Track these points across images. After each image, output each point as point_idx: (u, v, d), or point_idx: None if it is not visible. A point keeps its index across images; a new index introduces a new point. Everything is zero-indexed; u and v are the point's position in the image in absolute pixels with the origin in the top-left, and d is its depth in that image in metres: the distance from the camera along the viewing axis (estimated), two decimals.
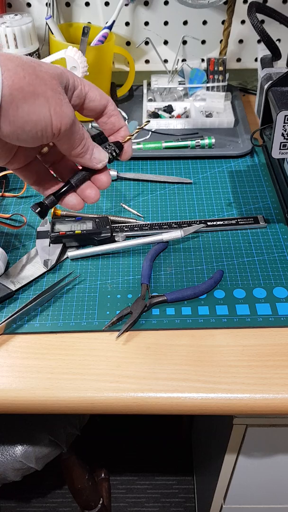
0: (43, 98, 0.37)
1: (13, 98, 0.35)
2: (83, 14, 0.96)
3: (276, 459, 0.69)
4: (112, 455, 1.33)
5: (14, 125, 0.36)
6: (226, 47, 0.95)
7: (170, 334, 0.56)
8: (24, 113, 0.36)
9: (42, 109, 0.37)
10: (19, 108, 0.36)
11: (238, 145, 0.83)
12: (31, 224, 0.71)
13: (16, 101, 0.36)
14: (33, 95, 0.36)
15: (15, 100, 0.36)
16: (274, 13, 0.74)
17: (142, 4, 0.94)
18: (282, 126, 0.58)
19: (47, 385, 0.51)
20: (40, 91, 0.37)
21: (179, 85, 0.93)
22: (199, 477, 1.14)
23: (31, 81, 0.36)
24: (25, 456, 0.79)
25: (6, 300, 0.60)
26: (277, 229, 0.69)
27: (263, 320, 0.57)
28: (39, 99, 0.37)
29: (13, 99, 0.35)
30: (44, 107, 0.37)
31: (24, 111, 0.36)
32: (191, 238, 0.68)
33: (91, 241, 0.66)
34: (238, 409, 0.50)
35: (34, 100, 0.36)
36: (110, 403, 0.50)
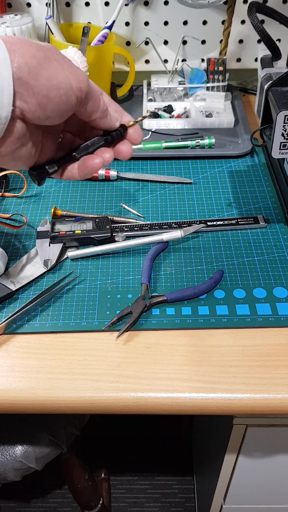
0: (55, 61, 0.36)
1: (30, 67, 0.34)
2: (83, 14, 0.96)
3: (276, 459, 0.69)
4: (112, 455, 1.33)
5: (39, 96, 0.35)
6: (226, 47, 0.95)
7: (170, 334, 0.56)
8: (44, 79, 0.35)
9: (59, 72, 0.36)
10: (38, 75, 0.34)
11: (238, 145, 0.83)
12: (31, 224, 0.71)
13: (33, 69, 0.34)
14: (46, 59, 0.35)
15: (31, 68, 0.34)
16: (274, 13, 0.74)
17: (142, 4, 0.94)
18: (282, 126, 0.58)
19: (47, 385, 0.51)
20: (50, 54, 0.36)
21: (179, 85, 0.93)
22: (199, 477, 1.14)
23: (39, 47, 0.36)
24: (25, 456, 0.79)
25: (6, 300, 0.60)
26: (277, 229, 0.69)
27: (263, 320, 0.57)
28: (52, 62, 0.36)
29: (30, 68, 0.34)
30: (60, 69, 0.36)
31: (43, 77, 0.35)
32: (191, 238, 0.68)
33: (91, 241, 0.66)
34: (238, 409, 0.50)
35: (49, 64, 0.35)
36: (110, 403, 0.50)
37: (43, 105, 0.35)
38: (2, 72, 0.33)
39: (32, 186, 0.77)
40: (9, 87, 0.33)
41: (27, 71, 0.34)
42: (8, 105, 0.34)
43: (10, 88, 0.33)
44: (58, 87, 0.35)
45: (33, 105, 0.35)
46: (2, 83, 0.33)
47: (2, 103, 0.33)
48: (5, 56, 0.33)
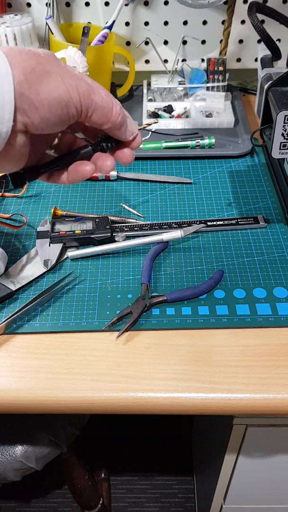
0: (54, 73, 0.36)
1: (30, 82, 0.34)
2: (83, 14, 0.96)
3: (276, 459, 0.69)
4: (112, 455, 1.33)
5: (42, 110, 0.35)
6: (226, 47, 0.95)
7: (170, 334, 0.56)
8: (45, 93, 0.35)
9: (58, 84, 0.36)
10: (39, 90, 0.35)
11: (238, 145, 0.83)
12: (31, 224, 0.71)
13: (33, 84, 0.34)
14: (45, 73, 0.35)
15: (32, 83, 0.34)
16: (274, 13, 0.74)
17: (142, 4, 0.94)
18: (282, 126, 0.58)
19: (47, 385, 0.51)
20: (49, 67, 0.36)
21: (179, 85, 0.93)
22: (199, 477, 1.14)
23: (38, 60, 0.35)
24: (25, 456, 0.79)
25: (6, 300, 0.60)
26: (277, 229, 0.69)
27: (263, 320, 0.57)
28: (52, 75, 0.36)
29: (30, 83, 0.34)
30: (60, 82, 0.36)
31: (44, 92, 0.35)
32: (191, 238, 0.68)
33: (91, 241, 0.66)
34: (238, 409, 0.50)
35: (48, 78, 0.35)
36: (110, 403, 0.50)
37: (45, 118, 0.36)
38: (4, 86, 0.33)
39: (32, 186, 0.77)
40: (10, 102, 0.33)
41: (28, 86, 0.34)
42: (9, 120, 0.34)
43: (11, 104, 0.33)
44: (59, 100, 0.36)
45: (36, 119, 0.35)
46: (3, 98, 0.33)
47: (2, 118, 0.33)
48: (7, 70, 0.33)
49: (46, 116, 0.35)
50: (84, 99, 0.37)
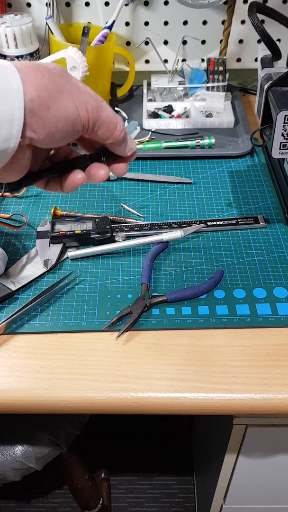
0: (66, 91, 0.36)
1: (42, 99, 0.35)
2: (83, 14, 0.96)
3: (276, 459, 0.69)
4: (112, 455, 1.33)
5: (48, 127, 0.36)
6: (226, 47, 0.95)
7: (170, 334, 0.56)
8: (55, 111, 0.36)
9: (68, 103, 0.36)
10: (50, 107, 0.35)
11: (238, 145, 0.83)
12: (31, 224, 0.71)
13: (45, 101, 0.35)
14: (57, 91, 0.36)
15: (44, 101, 0.35)
16: (274, 13, 0.74)
17: (142, 4, 0.94)
18: (282, 126, 0.58)
19: (47, 385, 0.51)
20: (61, 84, 0.36)
21: (179, 85, 0.93)
22: (199, 477, 1.14)
23: (51, 77, 0.36)
24: (25, 456, 0.79)
25: (6, 300, 0.60)
26: (277, 229, 0.69)
27: (263, 320, 0.57)
28: (63, 93, 0.36)
29: (42, 101, 0.35)
30: (69, 100, 0.36)
31: (54, 109, 0.36)
32: (191, 238, 0.68)
33: (91, 241, 0.66)
34: (238, 409, 0.50)
35: (59, 95, 0.36)
36: (110, 403, 0.50)
37: (51, 134, 0.36)
38: (15, 103, 0.34)
39: (32, 186, 0.77)
40: (19, 119, 0.34)
41: (39, 103, 0.35)
42: (16, 137, 0.34)
43: (21, 120, 0.34)
44: (67, 118, 0.36)
45: (42, 135, 0.36)
46: (13, 115, 0.34)
47: (11, 135, 0.34)
48: (19, 88, 0.34)
49: (52, 132, 0.36)
50: (92, 116, 0.38)
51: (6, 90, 0.34)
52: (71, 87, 0.37)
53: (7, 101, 0.33)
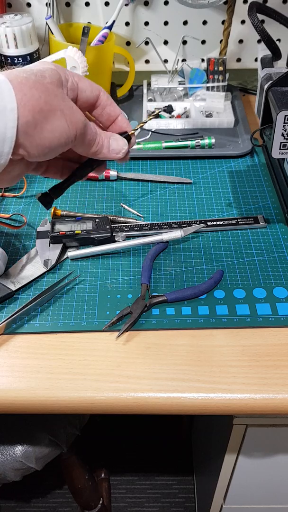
0: (59, 111, 0.38)
1: (36, 121, 0.36)
2: (83, 14, 0.96)
3: (276, 459, 0.69)
4: (112, 455, 1.33)
5: (41, 147, 0.37)
6: (226, 47, 0.95)
7: (170, 334, 0.56)
8: (48, 132, 0.37)
9: (61, 123, 0.38)
10: (43, 129, 0.37)
11: (238, 145, 0.83)
12: (31, 224, 0.71)
13: (40, 124, 0.36)
14: (51, 112, 0.37)
15: (38, 123, 0.36)
16: (274, 13, 0.74)
17: (142, 4, 0.94)
18: (282, 126, 0.58)
19: (47, 385, 0.51)
20: (55, 105, 0.38)
21: (179, 85, 0.93)
22: (199, 477, 1.14)
23: (46, 99, 0.37)
24: (25, 456, 0.79)
25: (6, 300, 0.60)
26: (277, 229, 0.69)
27: (263, 320, 0.57)
28: (56, 113, 0.38)
29: (36, 123, 0.36)
30: (62, 120, 0.38)
31: (48, 131, 0.37)
32: (191, 238, 0.68)
33: (91, 241, 0.66)
34: (238, 409, 0.50)
35: (53, 116, 0.37)
36: (110, 403, 0.50)
37: (43, 153, 0.38)
38: (8, 122, 0.34)
39: (32, 186, 0.77)
40: (11, 138, 0.35)
41: (34, 126, 0.36)
42: (7, 154, 0.35)
43: (13, 139, 0.35)
44: (59, 137, 0.38)
45: (34, 153, 0.38)
46: (5, 134, 0.35)
47: (2, 152, 0.35)
48: (13, 108, 0.35)
49: (45, 151, 0.38)
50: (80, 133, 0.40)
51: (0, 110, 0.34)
52: (64, 106, 0.38)
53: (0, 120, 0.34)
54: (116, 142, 0.45)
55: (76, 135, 0.40)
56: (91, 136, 0.42)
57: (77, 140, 0.40)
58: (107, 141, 0.44)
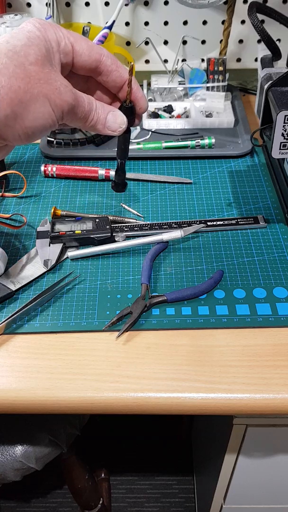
0: (42, 97, 0.36)
1: (16, 113, 0.35)
2: (83, 14, 0.96)
3: (276, 459, 0.69)
4: (112, 455, 1.33)
5: (23, 135, 0.36)
6: (226, 47, 0.95)
7: (170, 334, 0.56)
8: (30, 121, 0.36)
9: (45, 109, 0.36)
10: (24, 119, 0.35)
11: (238, 145, 0.83)
12: (31, 224, 0.71)
13: (19, 115, 0.35)
14: (31, 101, 0.35)
15: (18, 115, 0.35)
16: (274, 13, 0.74)
17: (142, 4, 0.94)
18: (282, 126, 0.58)
19: (47, 385, 0.51)
20: (37, 92, 0.36)
21: (179, 85, 0.93)
22: (199, 477, 1.14)
23: (26, 88, 0.35)
24: (25, 456, 0.79)
25: (6, 300, 0.60)
26: (277, 229, 0.69)
27: (263, 320, 0.57)
28: (38, 101, 0.36)
29: (16, 114, 0.35)
30: (45, 106, 0.36)
31: (29, 120, 0.36)
32: (191, 238, 0.68)
33: (91, 241, 0.66)
34: (238, 409, 0.50)
35: (34, 104, 0.36)
36: (110, 403, 0.50)
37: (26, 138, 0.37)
38: None
39: (32, 186, 0.77)
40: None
41: (14, 118, 0.35)
42: None
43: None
44: (43, 124, 0.37)
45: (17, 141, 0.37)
46: None
47: None
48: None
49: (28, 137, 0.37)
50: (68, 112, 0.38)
51: None
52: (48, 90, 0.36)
53: None
54: (114, 119, 0.42)
55: (63, 115, 0.38)
56: (83, 112, 0.40)
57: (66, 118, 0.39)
58: (103, 116, 0.41)
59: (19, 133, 0.36)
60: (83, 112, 0.40)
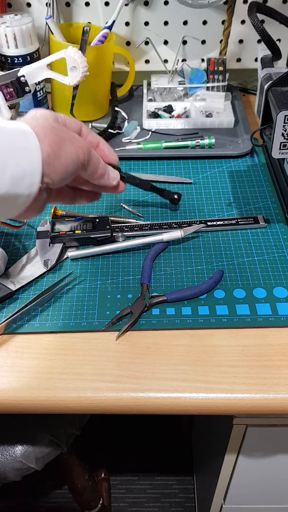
0: (68, 140, 0.46)
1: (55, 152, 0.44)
2: (83, 14, 0.96)
3: (276, 459, 0.69)
4: (112, 455, 1.33)
5: (60, 172, 0.45)
6: (226, 47, 0.95)
7: (170, 334, 0.56)
8: (64, 158, 0.45)
9: (71, 149, 0.45)
10: (60, 157, 0.44)
11: (238, 145, 0.83)
12: (31, 224, 0.71)
13: (57, 153, 0.44)
14: (62, 142, 0.45)
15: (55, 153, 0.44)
16: (274, 13, 0.74)
17: (142, 4, 0.94)
18: (282, 126, 0.58)
19: (47, 385, 0.51)
20: (64, 136, 0.45)
21: (179, 85, 0.93)
22: (199, 477, 1.14)
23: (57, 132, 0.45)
24: (25, 456, 0.79)
25: (6, 300, 0.60)
26: (277, 229, 0.69)
27: (263, 320, 0.57)
28: (66, 142, 0.45)
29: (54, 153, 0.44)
30: (71, 147, 0.45)
31: (63, 157, 0.45)
32: (191, 238, 0.68)
33: (91, 241, 0.66)
34: (238, 409, 0.50)
35: (64, 145, 0.45)
36: (110, 403, 0.50)
37: (63, 177, 0.45)
38: (34, 158, 0.42)
39: None
40: (38, 170, 0.42)
41: (53, 156, 0.44)
42: (37, 183, 0.43)
43: (40, 171, 0.43)
44: (72, 162, 0.46)
45: (56, 180, 0.45)
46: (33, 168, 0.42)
47: (33, 183, 0.43)
48: (37, 145, 0.43)
49: (64, 176, 0.45)
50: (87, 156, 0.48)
51: (27, 149, 0.43)
52: (70, 136, 0.46)
53: (27, 157, 0.42)
54: (112, 172, 0.54)
55: (84, 159, 0.47)
56: (96, 161, 0.50)
57: (85, 165, 0.48)
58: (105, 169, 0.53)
59: (57, 170, 0.44)
60: (96, 160, 0.50)
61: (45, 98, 0.91)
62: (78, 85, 0.72)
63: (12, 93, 0.67)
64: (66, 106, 0.80)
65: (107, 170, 0.53)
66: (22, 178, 0.42)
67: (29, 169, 0.43)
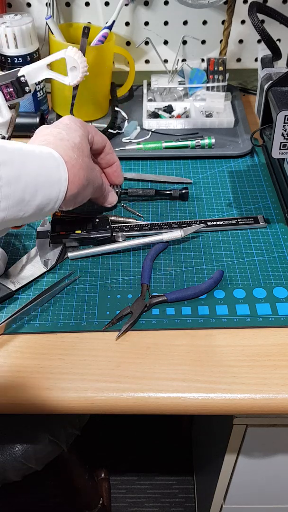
0: (91, 182, 0.57)
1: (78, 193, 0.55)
2: (83, 14, 0.96)
3: (276, 459, 0.69)
4: (112, 455, 1.33)
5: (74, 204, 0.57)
6: (226, 47, 0.95)
7: (170, 334, 0.56)
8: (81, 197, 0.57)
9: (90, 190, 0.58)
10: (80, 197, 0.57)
11: (238, 145, 0.83)
12: (31, 224, 0.71)
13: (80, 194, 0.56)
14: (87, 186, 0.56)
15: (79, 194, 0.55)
16: (274, 13, 0.74)
17: (142, 4, 0.94)
18: (282, 126, 0.58)
19: (47, 385, 0.51)
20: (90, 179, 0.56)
21: (179, 85, 0.93)
22: (199, 477, 1.14)
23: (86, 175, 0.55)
24: (25, 456, 0.79)
25: (6, 300, 0.60)
26: (277, 229, 0.69)
27: (263, 320, 0.57)
28: (89, 185, 0.57)
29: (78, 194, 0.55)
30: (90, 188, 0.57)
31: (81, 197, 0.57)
32: (191, 238, 0.68)
33: (91, 241, 0.66)
34: (238, 409, 0.50)
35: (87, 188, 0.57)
36: (110, 403, 0.50)
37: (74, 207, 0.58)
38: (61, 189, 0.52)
39: None
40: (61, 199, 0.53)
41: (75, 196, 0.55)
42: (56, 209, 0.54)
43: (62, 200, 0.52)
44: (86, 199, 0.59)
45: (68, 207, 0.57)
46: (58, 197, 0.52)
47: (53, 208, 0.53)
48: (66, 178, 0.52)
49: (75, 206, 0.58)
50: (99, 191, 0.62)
51: (58, 180, 0.51)
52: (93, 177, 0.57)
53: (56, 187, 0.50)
54: (112, 197, 0.68)
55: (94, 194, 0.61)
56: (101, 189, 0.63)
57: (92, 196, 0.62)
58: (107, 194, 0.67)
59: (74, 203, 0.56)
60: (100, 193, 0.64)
61: (45, 98, 0.91)
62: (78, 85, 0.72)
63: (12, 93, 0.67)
64: (66, 106, 0.80)
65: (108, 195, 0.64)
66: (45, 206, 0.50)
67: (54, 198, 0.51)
